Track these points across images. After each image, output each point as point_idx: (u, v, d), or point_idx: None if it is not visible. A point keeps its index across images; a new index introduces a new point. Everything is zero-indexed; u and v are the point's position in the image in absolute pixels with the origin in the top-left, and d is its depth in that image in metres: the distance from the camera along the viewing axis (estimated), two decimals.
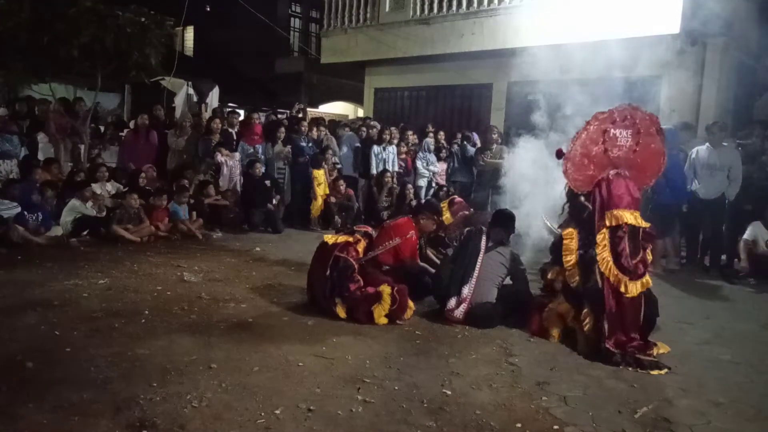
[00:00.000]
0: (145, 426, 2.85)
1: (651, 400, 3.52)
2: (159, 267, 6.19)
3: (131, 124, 10.47)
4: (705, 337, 4.89)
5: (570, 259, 4.50)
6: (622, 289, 4.23)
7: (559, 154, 4.68)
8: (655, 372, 3.96)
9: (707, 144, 7.74)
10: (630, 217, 4.35)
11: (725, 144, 7.75)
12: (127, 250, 6.98)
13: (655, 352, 4.25)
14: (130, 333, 4.13)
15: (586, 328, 4.32)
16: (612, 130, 4.50)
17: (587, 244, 4.46)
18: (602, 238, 4.34)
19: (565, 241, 4.55)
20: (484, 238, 5.04)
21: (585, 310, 4.36)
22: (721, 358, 4.38)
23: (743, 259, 7.30)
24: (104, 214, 7.62)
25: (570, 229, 4.58)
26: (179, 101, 13.11)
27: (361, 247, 5.04)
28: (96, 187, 7.87)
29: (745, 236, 7.35)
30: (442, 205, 6.26)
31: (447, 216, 6.16)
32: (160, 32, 8.73)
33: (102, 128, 10.37)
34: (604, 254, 4.31)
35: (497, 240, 5.07)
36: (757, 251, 7.24)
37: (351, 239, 5.03)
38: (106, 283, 5.41)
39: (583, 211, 4.61)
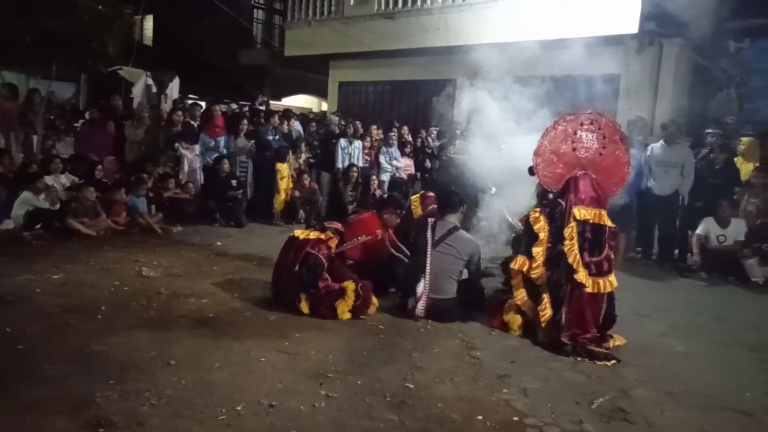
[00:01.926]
0: (102, 424, 2.79)
1: (608, 391, 3.61)
2: (116, 262, 6.05)
3: (87, 115, 10.16)
4: (661, 330, 5.04)
5: (539, 250, 4.57)
6: (584, 282, 4.33)
7: (532, 171, 4.80)
8: (602, 363, 4.05)
9: (662, 141, 7.96)
10: (594, 214, 4.46)
11: (679, 141, 7.98)
12: (83, 244, 6.78)
13: (611, 344, 4.36)
14: (86, 329, 4.02)
15: (543, 319, 4.40)
16: (579, 132, 4.62)
17: (556, 240, 4.53)
18: (570, 231, 4.44)
19: (541, 236, 4.59)
20: (429, 231, 4.96)
21: (544, 301, 4.44)
22: (676, 350, 4.53)
23: (695, 253, 7.53)
24: (58, 206, 7.39)
25: (542, 223, 4.63)
26: (137, 91, 12.76)
27: (333, 243, 5.00)
28: (49, 179, 7.62)
29: (697, 231, 7.57)
30: (413, 199, 6.23)
31: (418, 210, 6.14)
32: (119, 21, 8.51)
33: (52, 117, 10.01)
34: (573, 247, 4.41)
35: (444, 232, 4.93)
36: (709, 246, 7.48)
37: (323, 236, 4.99)
38: (61, 278, 5.25)
39: (553, 209, 4.66)
